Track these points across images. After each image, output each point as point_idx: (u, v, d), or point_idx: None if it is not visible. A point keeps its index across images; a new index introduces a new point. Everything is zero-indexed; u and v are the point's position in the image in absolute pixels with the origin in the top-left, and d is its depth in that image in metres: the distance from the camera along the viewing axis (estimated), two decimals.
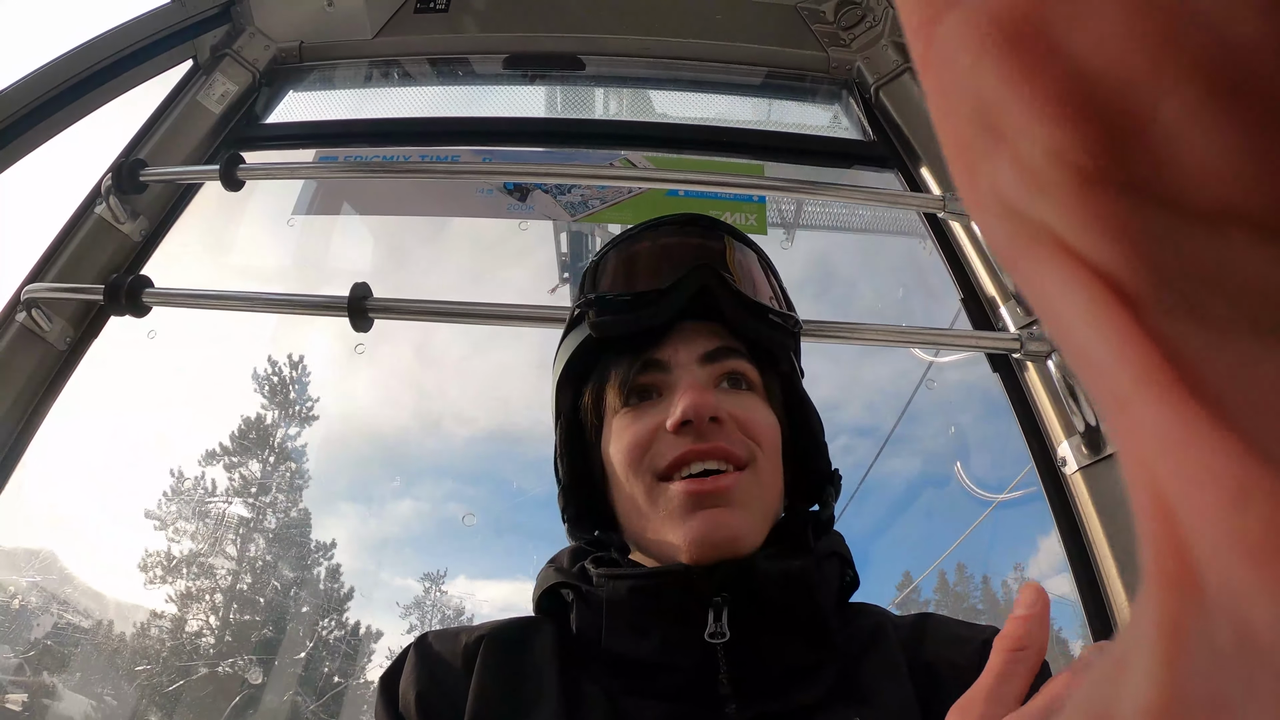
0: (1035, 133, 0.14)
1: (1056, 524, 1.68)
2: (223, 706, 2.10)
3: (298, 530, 4.57)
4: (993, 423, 2.32)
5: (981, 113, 0.15)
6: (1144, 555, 0.14)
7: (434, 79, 2.76)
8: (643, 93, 2.73)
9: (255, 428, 5.46)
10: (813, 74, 2.58)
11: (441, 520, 5.63)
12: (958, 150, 0.17)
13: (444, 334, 2.89)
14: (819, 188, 2.19)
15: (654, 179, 2.30)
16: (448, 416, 4.71)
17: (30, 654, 1.97)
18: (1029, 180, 0.15)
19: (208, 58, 2.42)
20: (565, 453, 0.91)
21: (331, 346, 2.73)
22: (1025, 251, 0.16)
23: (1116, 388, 0.14)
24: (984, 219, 0.17)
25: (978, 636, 0.80)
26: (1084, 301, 0.15)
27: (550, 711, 0.74)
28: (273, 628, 4.21)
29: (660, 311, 0.85)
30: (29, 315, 1.90)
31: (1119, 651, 0.15)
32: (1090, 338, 0.15)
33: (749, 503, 0.79)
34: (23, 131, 2.00)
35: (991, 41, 0.14)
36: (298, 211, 2.56)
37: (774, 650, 0.75)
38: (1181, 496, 0.13)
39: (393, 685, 0.80)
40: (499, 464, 6.86)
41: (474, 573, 5.71)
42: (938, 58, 0.16)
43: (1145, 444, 0.14)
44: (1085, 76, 0.13)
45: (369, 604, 4.77)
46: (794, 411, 0.91)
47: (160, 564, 3.70)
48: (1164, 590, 0.14)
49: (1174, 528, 0.13)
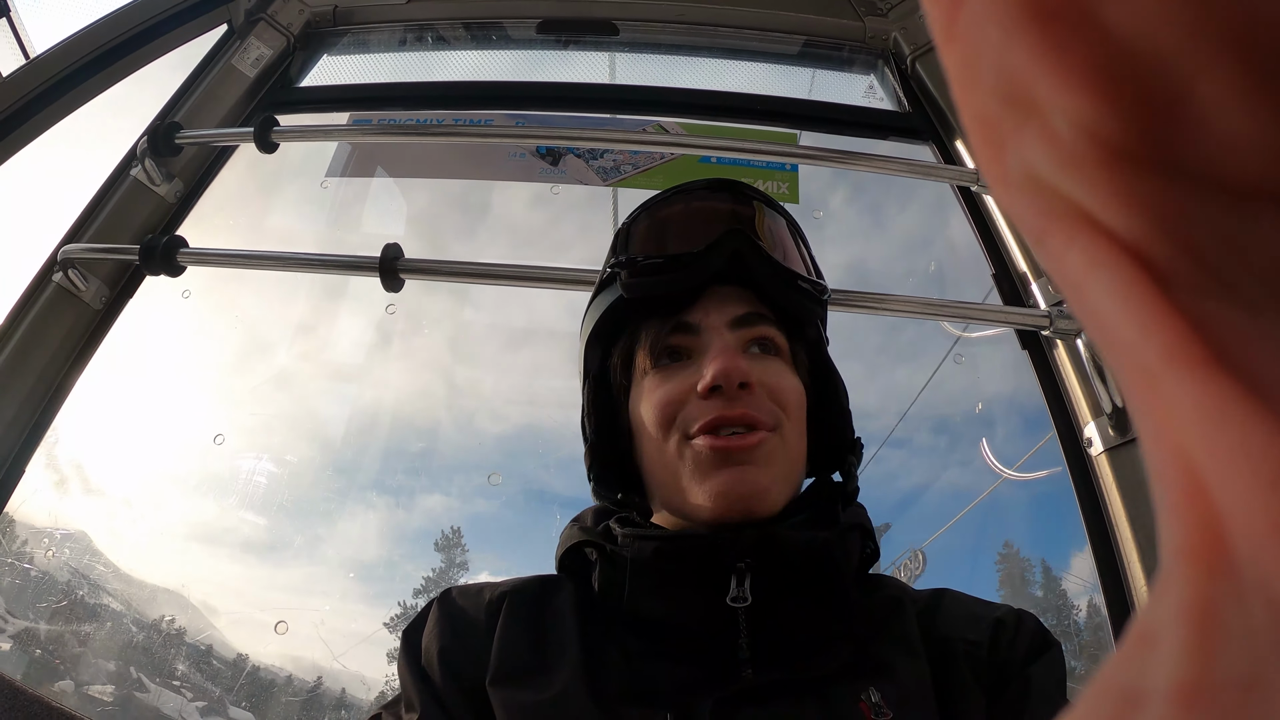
0: (1067, 106, 0.14)
1: (1079, 504, 1.67)
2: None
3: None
4: (1020, 400, 2.29)
5: (1010, 87, 0.15)
6: (1170, 532, 0.14)
7: (467, 43, 2.75)
8: (676, 59, 2.70)
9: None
10: (849, 43, 2.54)
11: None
12: (982, 125, 0.16)
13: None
14: (852, 158, 2.16)
15: (687, 145, 2.29)
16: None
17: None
18: (1059, 155, 0.15)
19: (242, 22, 2.44)
20: (593, 411, 0.92)
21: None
22: (1053, 227, 0.16)
23: (1145, 363, 0.14)
24: (1010, 195, 0.17)
25: (991, 614, 0.80)
26: (1112, 277, 0.15)
27: (571, 669, 0.75)
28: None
29: (692, 275, 0.85)
30: (65, 275, 1.94)
31: (1144, 629, 0.15)
32: (1118, 314, 0.15)
33: (773, 462, 0.79)
34: (60, 95, 2.04)
35: (1023, 13, 0.14)
36: (331, 174, 2.58)
37: (794, 618, 0.76)
38: (1216, 474, 0.13)
39: (415, 639, 0.82)
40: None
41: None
42: (964, 29, 0.16)
43: (1176, 420, 0.14)
44: (1120, 50, 0.13)
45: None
46: (819, 379, 0.91)
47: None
48: (1194, 568, 0.13)
49: (1206, 505, 0.13)
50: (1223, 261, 0.14)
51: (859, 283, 1.90)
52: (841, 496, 0.85)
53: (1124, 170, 0.14)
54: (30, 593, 2.05)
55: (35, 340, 1.92)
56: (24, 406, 1.89)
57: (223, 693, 2.17)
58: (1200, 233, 0.14)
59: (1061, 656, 0.77)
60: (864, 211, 2.89)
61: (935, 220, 2.67)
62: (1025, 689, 0.73)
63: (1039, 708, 0.71)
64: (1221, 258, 0.14)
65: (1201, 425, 0.13)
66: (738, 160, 2.29)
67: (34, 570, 2.07)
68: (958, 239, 2.21)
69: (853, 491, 0.87)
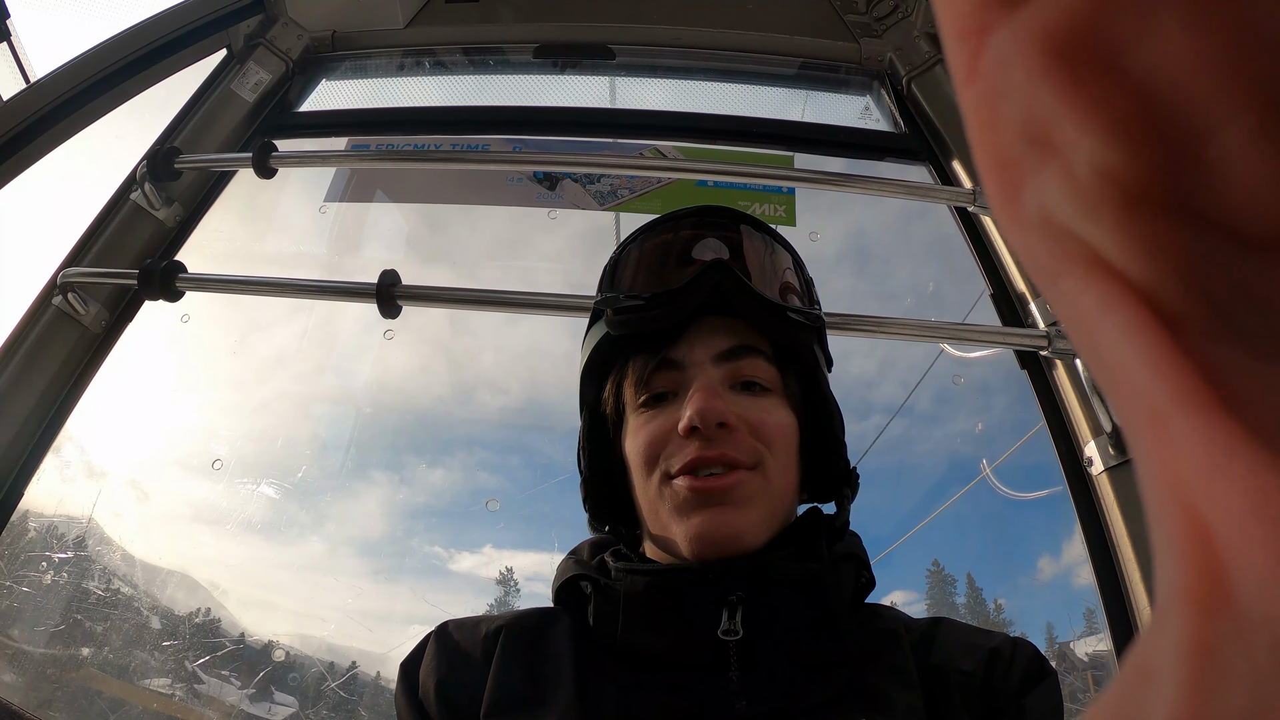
0: (1089, 149, 0.14)
1: (1080, 523, 1.66)
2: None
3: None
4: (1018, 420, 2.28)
5: (1032, 128, 0.15)
6: (1168, 571, 0.14)
7: (465, 68, 2.78)
8: (672, 83, 2.72)
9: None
10: (845, 65, 2.56)
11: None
12: (1000, 165, 0.16)
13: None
14: (849, 180, 2.17)
15: (683, 169, 2.30)
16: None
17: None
18: (1077, 197, 0.15)
19: (242, 47, 2.46)
20: (587, 444, 0.93)
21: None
22: (1067, 269, 0.16)
23: (1154, 405, 0.14)
24: (1024, 235, 0.17)
25: (986, 644, 0.80)
26: (1125, 321, 0.15)
27: (564, 703, 0.75)
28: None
29: (674, 311, 0.85)
30: (65, 299, 1.95)
31: (1142, 664, 0.15)
32: (1129, 357, 0.14)
33: (752, 501, 0.79)
34: (60, 119, 2.05)
35: (1048, 56, 0.14)
36: (329, 199, 2.58)
37: (785, 650, 0.76)
38: (1219, 516, 0.13)
39: (413, 672, 0.82)
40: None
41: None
42: (987, 70, 0.16)
43: (1181, 463, 0.14)
44: (1145, 96, 0.13)
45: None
46: (814, 408, 0.90)
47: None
48: (1194, 608, 0.13)
49: (1208, 546, 0.13)
50: (1236, 308, 0.14)
51: (857, 303, 1.90)
52: (828, 530, 0.85)
53: (1142, 215, 0.14)
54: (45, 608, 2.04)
55: (35, 363, 1.91)
56: (24, 429, 1.88)
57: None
58: (1215, 279, 0.14)
59: (1057, 685, 0.77)
60: (858, 234, 2.89)
61: (934, 240, 2.67)
62: None
63: None
64: (1234, 305, 0.14)
65: (1207, 468, 0.13)
66: (734, 184, 2.30)
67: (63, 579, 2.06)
68: (957, 259, 2.21)
69: (842, 526, 0.86)
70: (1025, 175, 0.16)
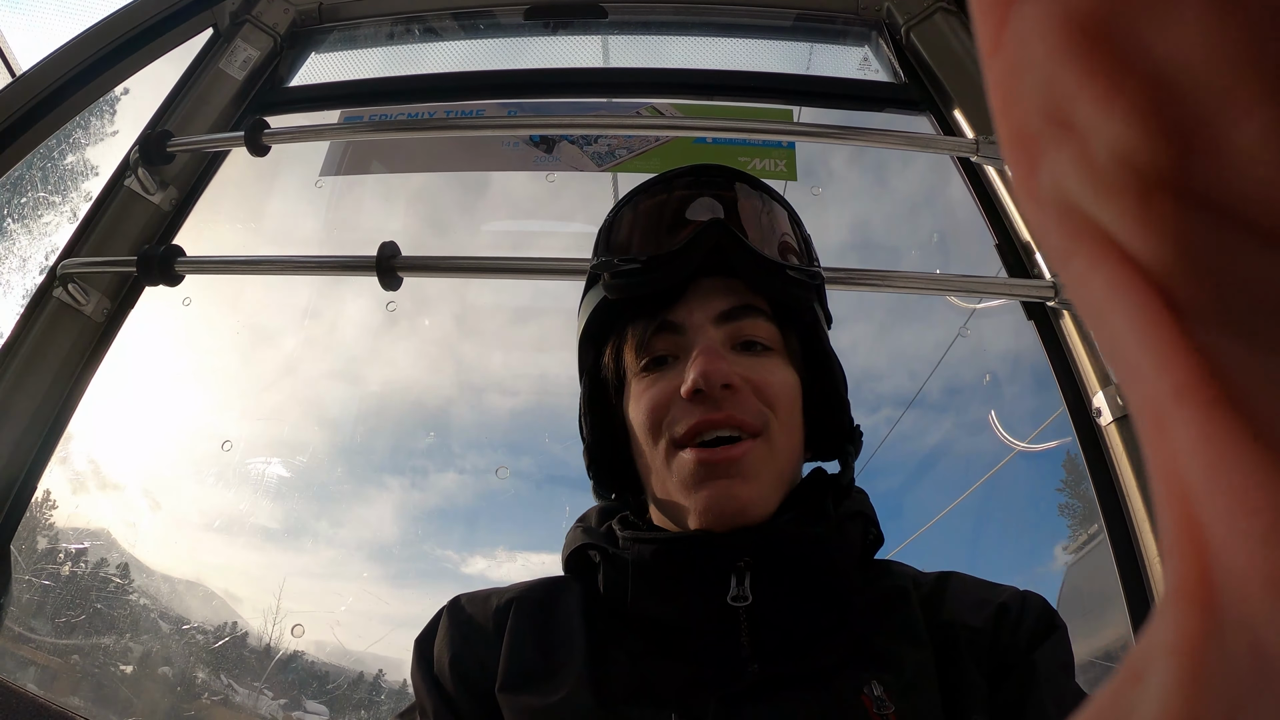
0: (1107, 131, 0.14)
1: (1090, 475, 1.66)
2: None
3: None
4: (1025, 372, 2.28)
5: (1052, 105, 0.15)
6: (1166, 568, 0.14)
7: (456, 33, 2.73)
8: (667, 39, 2.68)
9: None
10: (842, 15, 2.51)
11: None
12: (1019, 139, 0.16)
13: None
14: (849, 133, 2.14)
15: (681, 126, 2.27)
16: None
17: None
18: (1093, 178, 0.15)
19: (228, 25, 2.43)
20: (588, 411, 0.92)
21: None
22: (1079, 249, 0.16)
23: (1156, 397, 0.14)
24: (1039, 211, 0.17)
25: (994, 599, 0.80)
26: (1133, 305, 0.15)
27: (576, 672, 0.75)
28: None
29: (672, 274, 0.84)
30: (66, 290, 1.95)
31: (1135, 665, 0.15)
32: (1135, 343, 0.15)
33: (760, 472, 0.78)
34: (50, 109, 2.03)
35: (1072, 34, 0.14)
36: (325, 173, 2.57)
37: (794, 613, 0.76)
38: (1212, 515, 0.13)
39: (427, 647, 0.83)
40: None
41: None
42: (1011, 43, 0.16)
43: (1180, 459, 0.14)
44: (1166, 81, 0.13)
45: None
46: (816, 366, 0.89)
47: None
48: (1184, 607, 0.14)
49: (1201, 545, 0.13)
50: (1243, 299, 0.14)
51: (862, 255, 1.89)
52: (835, 489, 0.85)
53: (1156, 199, 0.14)
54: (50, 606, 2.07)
55: (39, 356, 1.92)
56: (33, 423, 1.90)
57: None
58: (1225, 269, 0.14)
59: (1066, 639, 0.77)
60: (866, 185, 2.86)
61: (937, 190, 2.64)
62: (1028, 676, 0.73)
63: (1042, 695, 0.71)
64: (1242, 296, 0.14)
65: (1203, 465, 0.13)
66: (733, 140, 2.27)
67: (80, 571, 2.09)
68: (959, 210, 2.19)
69: (847, 485, 0.86)
70: (1043, 152, 0.16)
